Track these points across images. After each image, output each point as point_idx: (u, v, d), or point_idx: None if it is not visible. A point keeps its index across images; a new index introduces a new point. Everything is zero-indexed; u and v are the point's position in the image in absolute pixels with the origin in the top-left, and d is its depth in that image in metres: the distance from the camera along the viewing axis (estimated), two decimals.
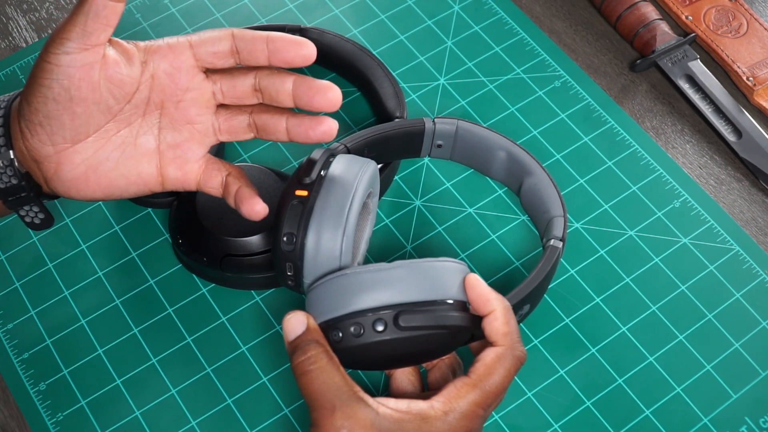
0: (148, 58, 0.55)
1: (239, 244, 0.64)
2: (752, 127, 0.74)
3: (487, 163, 0.68)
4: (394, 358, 0.53)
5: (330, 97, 0.54)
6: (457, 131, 0.67)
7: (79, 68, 0.52)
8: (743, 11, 0.80)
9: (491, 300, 0.53)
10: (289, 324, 0.52)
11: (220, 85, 0.56)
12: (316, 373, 0.51)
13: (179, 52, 0.55)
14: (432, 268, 0.52)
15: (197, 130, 0.57)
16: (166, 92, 0.56)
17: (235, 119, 0.57)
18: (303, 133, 0.56)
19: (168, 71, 0.55)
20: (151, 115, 0.57)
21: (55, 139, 0.55)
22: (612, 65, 0.79)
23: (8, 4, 0.83)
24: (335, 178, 0.56)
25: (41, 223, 0.60)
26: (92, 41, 0.52)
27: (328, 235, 0.55)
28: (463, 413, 0.51)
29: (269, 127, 0.57)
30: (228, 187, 0.57)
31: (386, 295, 0.51)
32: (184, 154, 0.57)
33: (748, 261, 0.69)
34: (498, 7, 0.81)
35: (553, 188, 0.64)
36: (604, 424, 0.63)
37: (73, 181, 0.56)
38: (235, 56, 0.55)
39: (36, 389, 0.65)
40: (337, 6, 0.82)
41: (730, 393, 0.64)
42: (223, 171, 0.58)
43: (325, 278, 0.53)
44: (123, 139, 0.56)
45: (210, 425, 0.63)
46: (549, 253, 0.60)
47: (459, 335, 0.53)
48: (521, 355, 0.53)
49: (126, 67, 0.54)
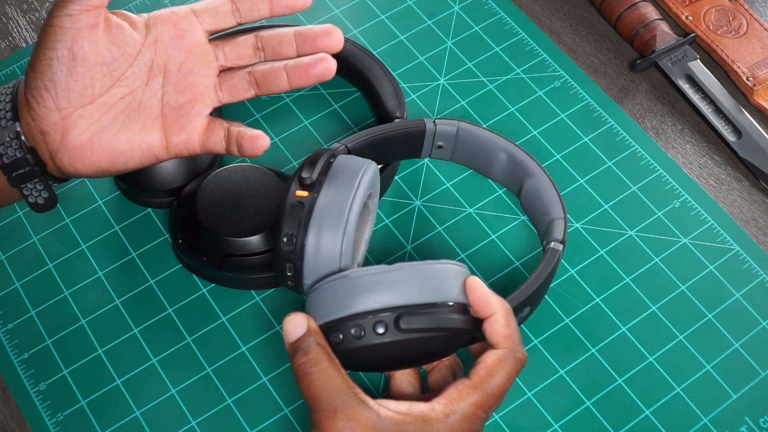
0: (152, 22, 0.58)
1: (239, 244, 0.64)
2: (752, 127, 0.74)
3: (488, 165, 0.68)
4: (394, 360, 0.53)
5: (334, 36, 0.56)
6: (458, 132, 0.67)
7: (82, 28, 0.55)
8: (743, 11, 0.80)
9: (492, 303, 0.53)
10: (289, 325, 0.53)
11: (222, 47, 0.58)
12: (317, 374, 0.51)
13: (182, 16, 0.58)
14: (433, 271, 0.52)
15: (200, 92, 0.58)
16: (170, 55, 0.58)
17: (236, 76, 0.59)
18: (303, 73, 0.57)
19: (171, 35, 0.57)
20: (154, 79, 0.58)
21: (60, 103, 0.56)
22: (612, 65, 0.79)
23: (8, 4, 0.83)
24: (336, 179, 0.56)
25: (45, 202, 0.61)
26: (93, 2, 0.54)
27: (328, 236, 0.55)
28: (464, 415, 0.51)
29: (269, 78, 0.58)
30: (230, 135, 0.59)
31: (387, 298, 0.51)
32: (186, 114, 0.59)
33: (748, 261, 0.69)
34: (498, 7, 0.81)
35: (554, 190, 0.64)
36: (604, 424, 0.63)
37: (78, 148, 0.57)
38: (236, 14, 0.57)
39: (36, 389, 0.65)
40: (337, 6, 0.82)
41: (730, 393, 0.64)
42: (225, 124, 0.59)
43: (325, 280, 0.53)
44: (127, 103, 0.58)
45: (210, 425, 0.63)
46: (549, 256, 0.60)
47: (459, 337, 0.53)
48: (522, 358, 0.53)
49: (129, 30, 0.57)
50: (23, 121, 0.57)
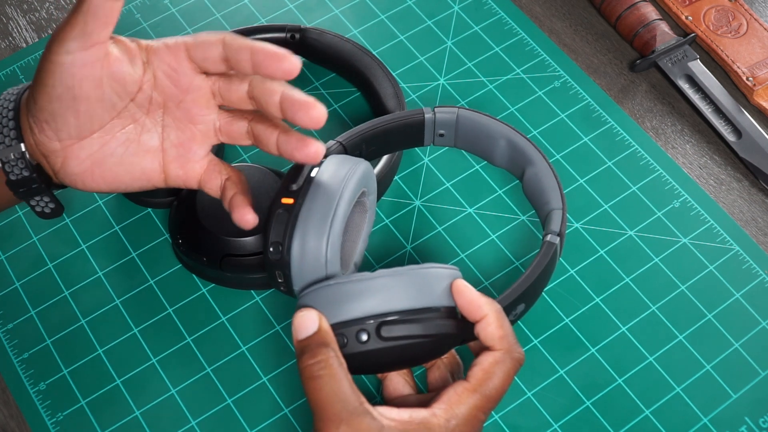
0: (149, 58, 0.55)
1: (239, 244, 0.64)
2: (752, 127, 0.74)
3: (490, 151, 0.67)
4: (383, 365, 0.53)
5: (312, 115, 0.53)
6: (458, 119, 0.66)
7: (81, 67, 0.53)
8: (743, 11, 0.80)
9: (482, 305, 0.52)
10: (300, 321, 0.52)
11: (218, 86, 0.56)
12: (325, 379, 0.50)
13: (176, 53, 0.55)
14: (418, 276, 0.52)
15: (199, 130, 0.57)
16: (167, 93, 0.56)
17: (235, 124, 0.57)
18: (289, 152, 0.55)
19: (168, 73, 0.56)
20: (155, 113, 0.57)
21: (61, 136, 0.55)
22: (612, 65, 0.79)
23: (8, 4, 0.83)
24: (320, 185, 0.56)
25: (51, 212, 0.61)
26: (93, 40, 0.52)
27: (312, 243, 0.54)
28: (464, 418, 0.51)
29: (262, 139, 0.57)
30: (225, 191, 0.58)
31: (369, 305, 0.51)
32: (186, 153, 0.58)
33: (748, 261, 0.69)
34: (498, 7, 0.81)
35: (553, 179, 0.63)
36: (604, 424, 0.63)
37: (79, 175, 0.57)
38: (226, 63, 0.55)
39: (36, 389, 0.65)
40: (337, 6, 0.82)
41: (730, 393, 0.64)
42: (223, 174, 0.58)
43: (309, 288, 0.53)
44: (128, 135, 0.57)
45: (210, 425, 0.63)
46: (545, 250, 0.59)
47: (446, 341, 0.53)
48: (519, 357, 0.53)
49: (128, 65, 0.54)
50: (27, 141, 0.57)
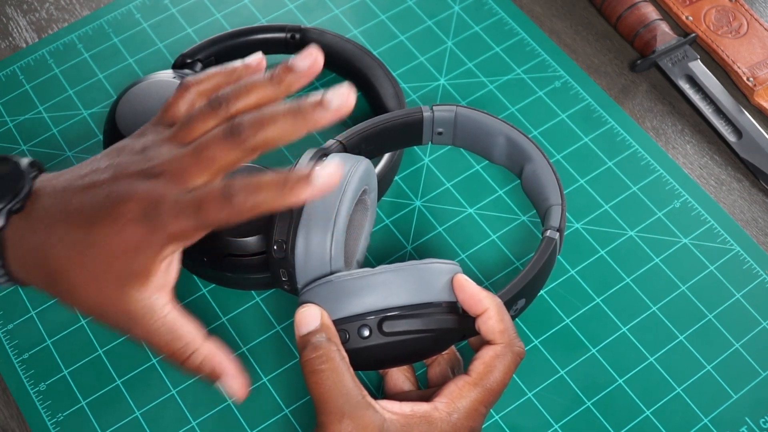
0: None
1: (239, 244, 0.64)
2: (752, 127, 0.74)
3: (489, 149, 0.67)
4: (384, 360, 0.53)
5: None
6: (456, 117, 0.66)
7: None
8: (743, 11, 0.80)
9: (482, 299, 0.53)
10: (302, 317, 0.52)
11: None
12: (327, 373, 0.50)
13: None
14: (418, 271, 0.52)
15: None
16: None
17: None
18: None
19: None
20: None
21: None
22: (612, 65, 0.79)
23: (8, 4, 0.83)
24: None
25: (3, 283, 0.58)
26: None
27: (317, 240, 0.55)
28: (466, 412, 0.51)
29: None
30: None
31: (370, 301, 0.51)
32: None
33: (749, 261, 0.69)
34: (498, 7, 0.81)
35: (552, 175, 0.63)
36: (605, 424, 0.63)
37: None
38: None
39: (36, 389, 0.65)
40: (337, 6, 0.82)
41: (731, 393, 0.64)
42: None
43: (312, 285, 0.53)
44: None
45: (210, 425, 0.63)
46: (545, 245, 0.59)
47: (447, 336, 0.53)
48: (520, 351, 0.53)
49: None
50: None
